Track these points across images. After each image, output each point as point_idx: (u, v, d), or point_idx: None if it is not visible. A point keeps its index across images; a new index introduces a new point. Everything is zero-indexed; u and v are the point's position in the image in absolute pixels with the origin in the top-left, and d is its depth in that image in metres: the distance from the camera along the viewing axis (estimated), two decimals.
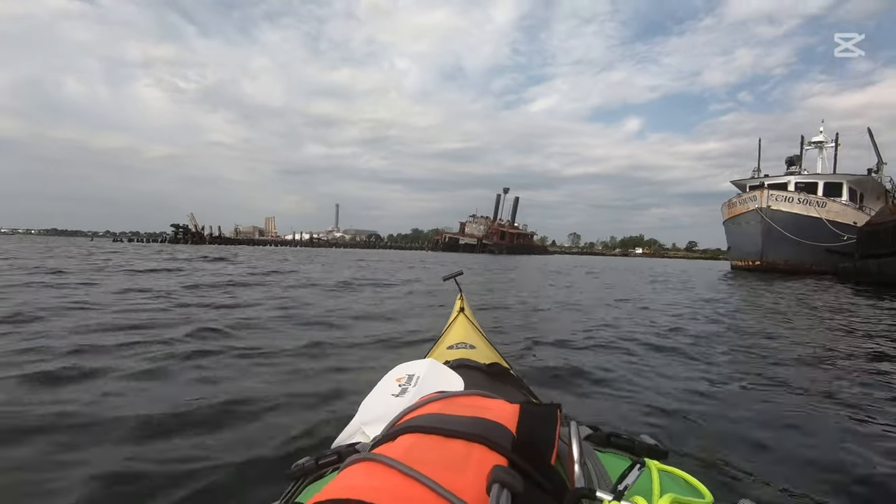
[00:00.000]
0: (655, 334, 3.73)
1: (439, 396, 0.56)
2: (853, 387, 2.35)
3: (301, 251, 32.19)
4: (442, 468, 0.38)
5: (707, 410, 1.95)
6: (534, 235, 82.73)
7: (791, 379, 2.47)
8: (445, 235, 67.82)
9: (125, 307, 4.15)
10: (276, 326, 3.55)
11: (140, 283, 6.38)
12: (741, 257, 19.38)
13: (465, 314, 1.63)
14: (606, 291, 8.17)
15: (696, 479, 0.46)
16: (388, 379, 0.75)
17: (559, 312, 5.14)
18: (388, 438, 0.46)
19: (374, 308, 4.88)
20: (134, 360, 2.39)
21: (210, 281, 6.96)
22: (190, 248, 27.24)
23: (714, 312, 5.40)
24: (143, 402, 1.80)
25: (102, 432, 1.52)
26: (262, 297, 5.25)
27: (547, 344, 3.21)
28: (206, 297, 5.10)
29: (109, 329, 3.13)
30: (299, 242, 67.30)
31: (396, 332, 3.46)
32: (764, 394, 2.22)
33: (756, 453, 1.56)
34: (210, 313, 3.99)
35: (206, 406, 1.75)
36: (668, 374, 2.55)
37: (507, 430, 0.45)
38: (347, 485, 0.36)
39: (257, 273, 9.09)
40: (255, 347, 2.74)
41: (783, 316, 5.22)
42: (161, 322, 3.45)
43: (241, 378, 2.19)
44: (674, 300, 6.88)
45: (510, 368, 1.15)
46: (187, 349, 2.60)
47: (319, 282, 7.67)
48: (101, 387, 1.97)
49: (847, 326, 4.45)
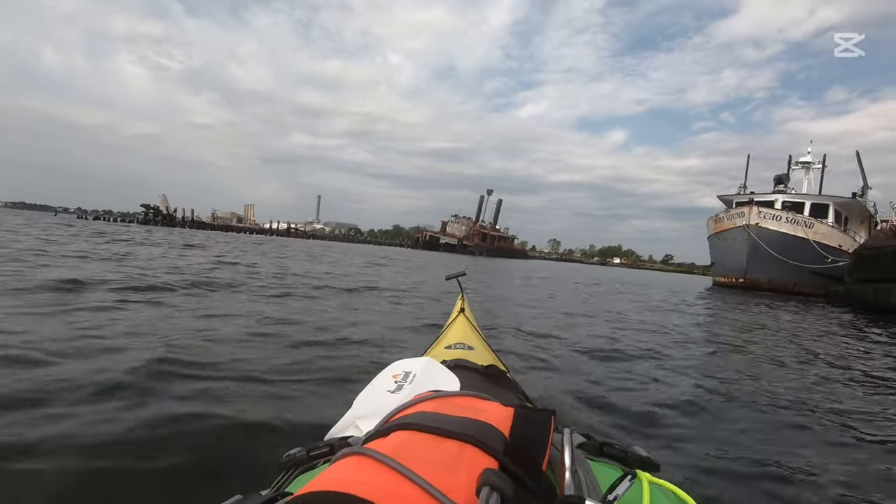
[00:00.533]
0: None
1: (434, 395, 0.56)
2: (854, 409, 2.36)
3: (273, 241, 30.69)
4: (433, 467, 0.38)
5: (700, 426, 1.98)
6: (515, 239, 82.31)
7: (789, 400, 2.45)
8: (426, 233, 66.77)
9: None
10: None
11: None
12: (724, 273, 18.98)
13: (465, 315, 1.61)
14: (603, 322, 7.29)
15: (686, 493, 0.46)
16: (384, 375, 0.76)
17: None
18: (381, 434, 0.46)
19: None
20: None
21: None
22: (161, 231, 25.51)
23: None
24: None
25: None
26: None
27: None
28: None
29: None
30: (276, 231, 65.36)
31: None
32: (760, 413, 2.24)
33: (748, 473, 1.56)
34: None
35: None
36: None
37: (500, 433, 0.45)
38: (337, 477, 0.37)
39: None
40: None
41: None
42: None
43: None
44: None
45: (507, 371, 1.15)
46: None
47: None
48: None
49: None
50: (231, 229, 57.07)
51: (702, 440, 1.82)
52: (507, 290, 8.99)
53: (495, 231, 73.55)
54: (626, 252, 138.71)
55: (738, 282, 17.86)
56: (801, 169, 21.72)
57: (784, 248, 16.58)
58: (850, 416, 2.26)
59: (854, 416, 2.27)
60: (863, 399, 2.66)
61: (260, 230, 64.07)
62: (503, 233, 76.76)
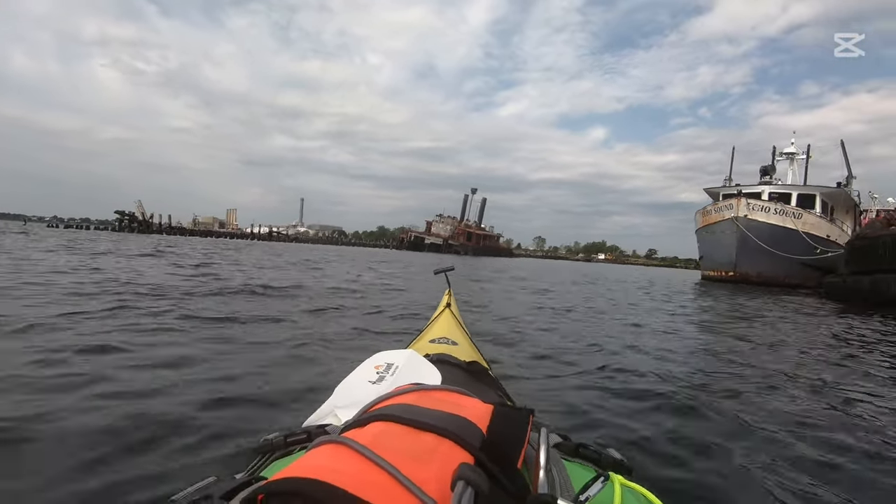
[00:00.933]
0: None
1: (415, 388, 0.55)
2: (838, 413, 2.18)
3: (255, 245, 29.68)
4: (408, 459, 0.38)
5: (679, 431, 1.84)
6: (500, 238, 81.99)
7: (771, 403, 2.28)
8: (411, 234, 65.91)
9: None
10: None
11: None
12: (713, 267, 18.70)
13: (450, 310, 1.60)
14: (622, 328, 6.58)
15: (657, 497, 0.46)
16: (366, 365, 0.75)
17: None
18: (359, 424, 0.46)
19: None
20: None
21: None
22: (133, 239, 24.31)
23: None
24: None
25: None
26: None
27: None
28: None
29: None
30: (258, 236, 64.03)
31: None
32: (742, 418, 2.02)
33: (723, 479, 1.48)
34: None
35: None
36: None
37: (477, 429, 0.45)
38: (312, 464, 0.37)
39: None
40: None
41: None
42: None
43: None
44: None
45: (489, 369, 1.15)
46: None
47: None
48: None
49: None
50: (212, 234, 56.19)
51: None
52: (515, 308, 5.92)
53: (480, 230, 73.14)
54: (611, 248, 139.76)
55: (728, 275, 17.58)
56: (786, 160, 21.61)
57: (773, 240, 16.33)
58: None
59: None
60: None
61: (242, 234, 62.90)
62: (488, 231, 76.46)
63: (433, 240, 63.98)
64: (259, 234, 66.12)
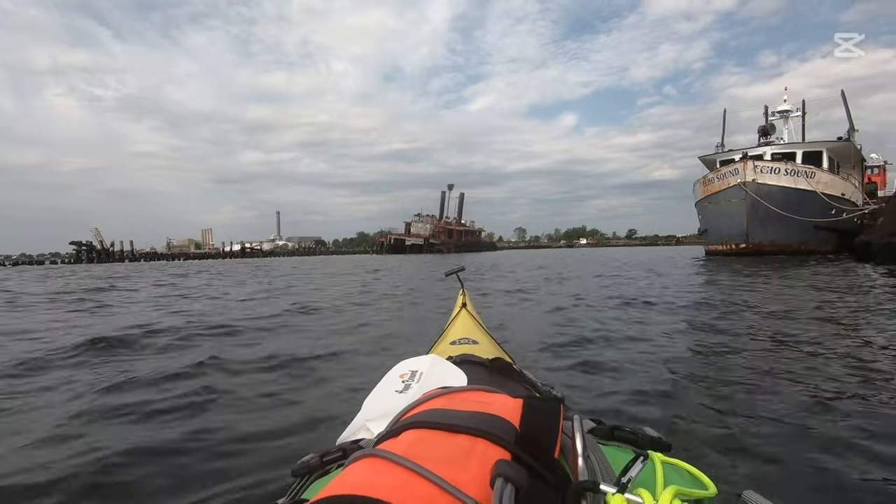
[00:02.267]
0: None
1: (442, 392, 0.55)
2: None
3: (224, 264, 27.19)
4: (445, 463, 0.38)
5: (713, 403, 1.93)
6: (482, 232, 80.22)
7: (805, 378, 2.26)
8: (390, 237, 63.35)
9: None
10: None
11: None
12: (721, 241, 17.14)
13: (467, 310, 1.60)
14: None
15: (699, 470, 0.46)
16: (391, 375, 0.75)
17: None
18: (392, 434, 0.45)
19: None
20: None
21: None
22: (89, 270, 21.59)
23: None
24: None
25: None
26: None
27: None
28: None
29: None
30: (230, 254, 60.96)
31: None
32: (774, 391, 2.11)
33: (762, 446, 1.54)
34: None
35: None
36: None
37: (510, 425, 0.45)
38: (352, 481, 0.36)
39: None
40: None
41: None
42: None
43: None
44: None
45: (513, 363, 1.11)
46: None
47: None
48: None
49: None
50: (181, 257, 53.39)
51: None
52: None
53: (461, 226, 71.34)
54: (591, 232, 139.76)
55: (739, 248, 16.04)
56: (780, 119, 20.24)
57: (786, 203, 14.83)
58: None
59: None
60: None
61: (213, 255, 59.86)
62: (469, 227, 74.67)
63: (414, 240, 61.75)
64: (231, 251, 62.99)
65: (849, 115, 18.40)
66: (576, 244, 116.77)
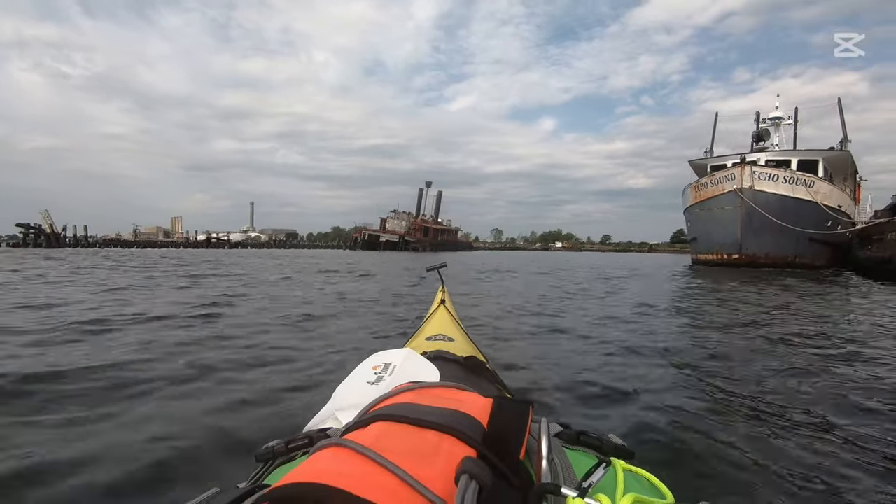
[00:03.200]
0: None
1: (414, 386, 0.55)
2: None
3: (180, 256, 24.89)
4: (411, 457, 0.38)
5: (678, 417, 1.92)
6: (458, 231, 78.87)
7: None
8: (365, 233, 61.30)
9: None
10: None
11: None
12: (711, 250, 16.23)
13: (445, 306, 1.61)
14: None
15: (659, 480, 0.47)
16: (364, 366, 0.75)
17: None
18: (360, 425, 0.45)
19: None
20: None
21: None
22: (24, 256, 19.00)
23: None
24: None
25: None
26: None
27: None
28: None
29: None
30: (194, 243, 57.74)
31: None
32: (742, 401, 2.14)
33: (722, 460, 1.54)
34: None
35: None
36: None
37: (478, 423, 0.45)
38: (316, 469, 0.36)
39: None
40: None
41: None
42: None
43: None
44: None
45: (486, 363, 1.14)
46: None
47: None
48: None
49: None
50: (148, 245, 50.35)
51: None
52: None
53: (438, 224, 69.76)
54: (566, 236, 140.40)
55: (731, 258, 15.13)
56: (772, 126, 19.57)
57: (784, 213, 13.96)
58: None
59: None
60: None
61: (179, 243, 56.57)
62: (446, 225, 73.20)
63: (389, 237, 59.89)
64: (196, 241, 59.71)
65: (843, 125, 17.85)
66: (551, 247, 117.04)
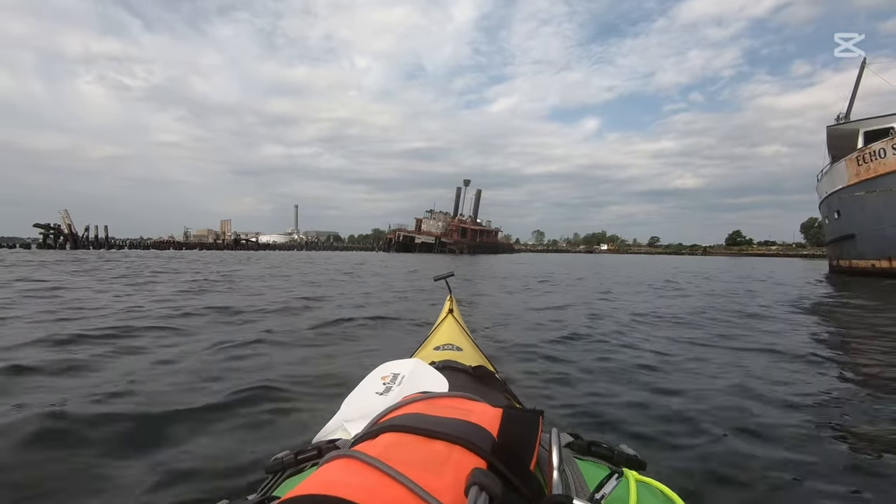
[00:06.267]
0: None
1: (423, 397, 0.55)
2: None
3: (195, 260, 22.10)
4: (421, 468, 0.38)
5: (686, 427, 1.84)
6: (498, 232, 74.12)
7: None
8: (399, 234, 57.86)
9: None
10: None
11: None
12: (884, 253, 11.15)
13: (453, 316, 1.61)
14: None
15: (672, 491, 0.46)
16: (372, 377, 0.75)
17: None
18: (369, 436, 0.45)
19: None
20: None
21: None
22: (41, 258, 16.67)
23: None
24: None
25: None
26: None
27: None
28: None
29: None
30: (222, 245, 56.32)
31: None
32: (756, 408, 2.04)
33: (735, 469, 1.50)
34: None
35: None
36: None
37: (488, 434, 0.44)
38: (325, 480, 0.36)
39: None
40: None
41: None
42: None
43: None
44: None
45: (495, 372, 1.13)
46: None
47: None
48: None
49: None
50: (164, 246, 49.03)
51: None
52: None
53: (476, 225, 65.42)
54: (611, 238, 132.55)
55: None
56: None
57: None
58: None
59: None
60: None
61: (203, 245, 55.40)
62: (485, 226, 68.73)
63: (424, 238, 56.21)
64: (224, 243, 58.36)
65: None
66: (596, 250, 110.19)
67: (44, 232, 37.79)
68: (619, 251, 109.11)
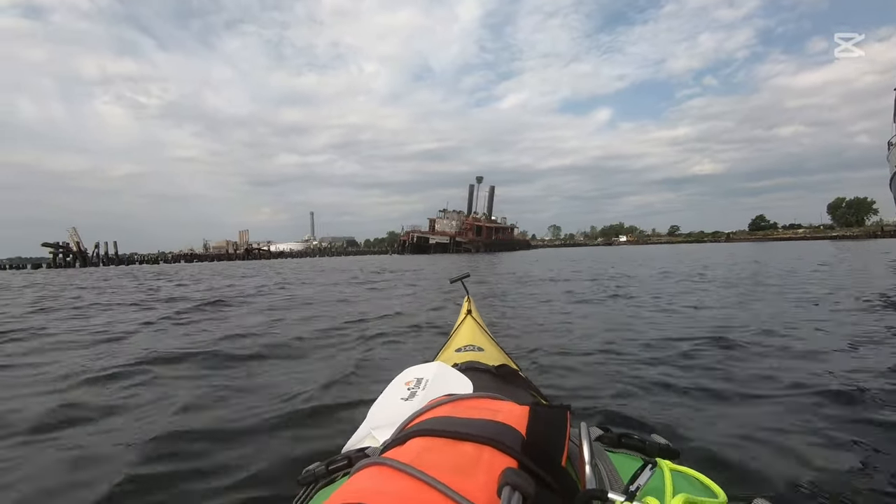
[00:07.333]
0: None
1: (448, 399, 0.55)
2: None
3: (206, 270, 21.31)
4: (452, 471, 0.38)
5: (721, 410, 1.83)
6: (514, 229, 72.57)
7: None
8: (413, 235, 56.81)
9: None
10: None
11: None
12: None
13: (472, 316, 1.60)
14: None
15: (708, 478, 0.46)
16: (396, 383, 0.75)
17: None
18: (398, 442, 0.46)
19: None
20: None
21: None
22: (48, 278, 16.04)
23: None
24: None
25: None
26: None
27: None
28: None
29: None
30: (234, 255, 56.07)
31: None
32: (787, 393, 1.98)
33: (772, 453, 1.45)
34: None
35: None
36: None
37: (516, 432, 0.44)
38: (358, 489, 0.37)
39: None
40: None
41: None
42: None
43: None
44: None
45: (519, 370, 1.12)
46: None
47: None
48: None
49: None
50: (183, 259, 49.16)
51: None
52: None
53: (491, 222, 64.01)
54: (629, 229, 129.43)
55: None
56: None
57: None
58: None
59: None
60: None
61: (215, 256, 55.27)
62: (500, 223, 67.25)
63: (438, 239, 55.09)
64: (236, 253, 58.19)
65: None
66: (614, 242, 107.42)
67: (53, 251, 37.80)
68: (639, 242, 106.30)
